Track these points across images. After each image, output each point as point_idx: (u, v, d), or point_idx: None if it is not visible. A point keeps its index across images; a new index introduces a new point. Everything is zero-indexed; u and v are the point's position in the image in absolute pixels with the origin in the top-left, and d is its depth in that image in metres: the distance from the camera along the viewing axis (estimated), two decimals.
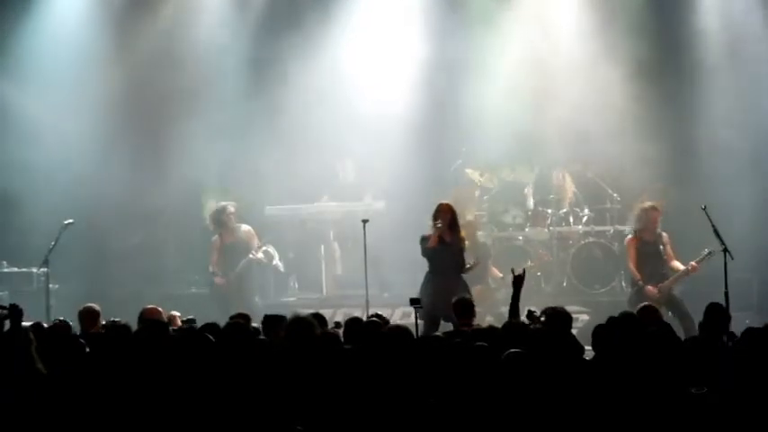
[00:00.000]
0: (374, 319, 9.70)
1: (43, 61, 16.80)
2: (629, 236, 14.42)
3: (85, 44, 16.98)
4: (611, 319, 8.83)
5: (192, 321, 10.42)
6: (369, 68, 17.13)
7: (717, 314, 9.04)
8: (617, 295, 14.99)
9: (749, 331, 7.91)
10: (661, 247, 14.06)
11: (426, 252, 12.41)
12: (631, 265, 14.09)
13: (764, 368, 7.35)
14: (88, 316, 10.37)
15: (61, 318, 10.05)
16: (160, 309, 10.44)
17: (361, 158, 16.82)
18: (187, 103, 16.77)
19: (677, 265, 13.95)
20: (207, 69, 17.06)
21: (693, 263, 13.70)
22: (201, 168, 16.56)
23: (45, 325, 9.51)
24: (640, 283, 13.78)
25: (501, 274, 15.03)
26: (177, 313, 10.82)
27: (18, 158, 16.44)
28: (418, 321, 10.44)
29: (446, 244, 12.30)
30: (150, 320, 9.36)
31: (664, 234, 14.14)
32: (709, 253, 13.53)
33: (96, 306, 10.52)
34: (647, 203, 14.38)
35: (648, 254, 14.00)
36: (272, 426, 7.19)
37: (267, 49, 17.16)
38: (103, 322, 10.18)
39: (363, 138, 16.85)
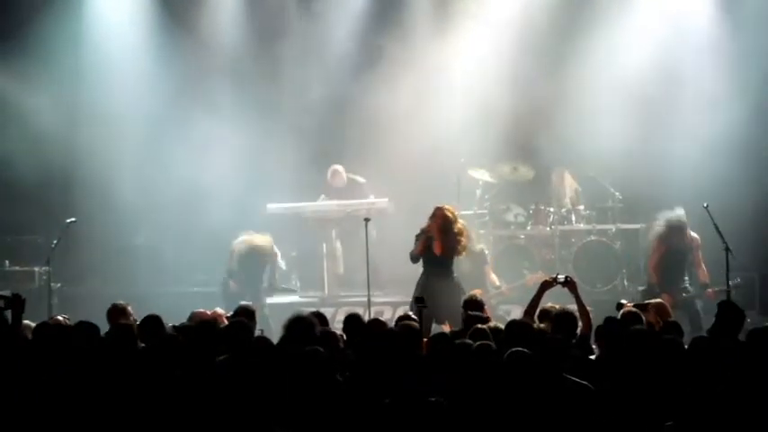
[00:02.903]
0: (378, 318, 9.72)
1: (64, 63, 16.94)
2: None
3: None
4: (610, 318, 8.85)
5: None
6: (369, 67, 17.23)
7: (731, 312, 8.99)
8: (619, 294, 14.92)
9: (754, 332, 7.83)
10: (690, 254, 13.82)
11: (413, 257, 12.45)
12: (651, 267, 13.91)
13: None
14: (116, 313, 10.33)
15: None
16: (208, 312, 10.40)
17: (363, 156, 16.85)
18: (194, 102, 16.85)
19: (703, 274, 13.77)
20: (213, 70, 17.18)
21: (715, 290, 13.37)
22: (203, 167, 16.58)
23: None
24: (657, 289, 13.48)
25: (498, 283, 15.01)
26: (221, 311, 10.75)
27: (20, 156, 16.53)
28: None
29: (433, 249, 12.32)
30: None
31: (695, 237, 13.87)
32: (737, 285, 13.43)
33: (123, 303, 10.45)
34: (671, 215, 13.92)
35: (673, 256, 13.79)
36: (266, 426, 7.22)
37: (272, 49, 17.26)
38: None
39: (365, 135, 16.94)
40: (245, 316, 9.70)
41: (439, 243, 12.36)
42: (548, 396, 7.09)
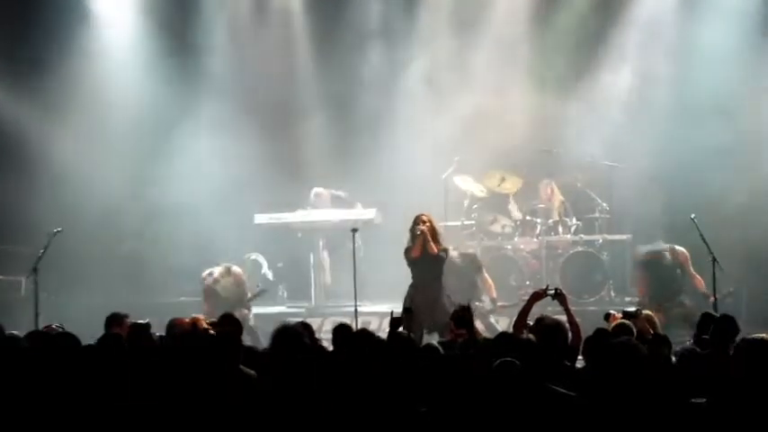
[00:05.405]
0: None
1: (56, 70, 16.95)
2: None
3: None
4: (601, 330, 8.87)
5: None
6: (357, 77, 17.30)
7: (726, 325, 9.00)
8: (605, 305, 14.91)
9: (741, 344, 7.83)
10: (678, 269, 13.89)
11: (410, 262, 12.46)
12: (639, 291, 14.08)
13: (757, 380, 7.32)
14: (112, 322, 10.33)
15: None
16: (187, 319, 10.36)
17: (350, 167, 16.87)
18: (183, 116, 16.88)
19: (700, 284, 13.73)
20: (204, 85, 17.25)
21: (712, 298, 12.96)
22: (190, 178, 16.58)
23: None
24: (647, 308, 13.28)
25: (495, 295, 14.88)
26: (201, 316, 10.73)
27: (6, 165, 16.55)
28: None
29: (427, 254, 12.33)
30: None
31: (681, 250, 13.93)
32: (730, 293, 13.43)
33: (123, 312, 10.45)
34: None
35: (659, 278, 13.88)
36: None
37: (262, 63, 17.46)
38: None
39: (353, 145, 16.99)
40: (230, 325, 9.69)
41: (431, 246, 12.42)
42: (534, 406, 7.08)
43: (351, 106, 17.38)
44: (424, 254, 12.35)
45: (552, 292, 9.97)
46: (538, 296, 10.01)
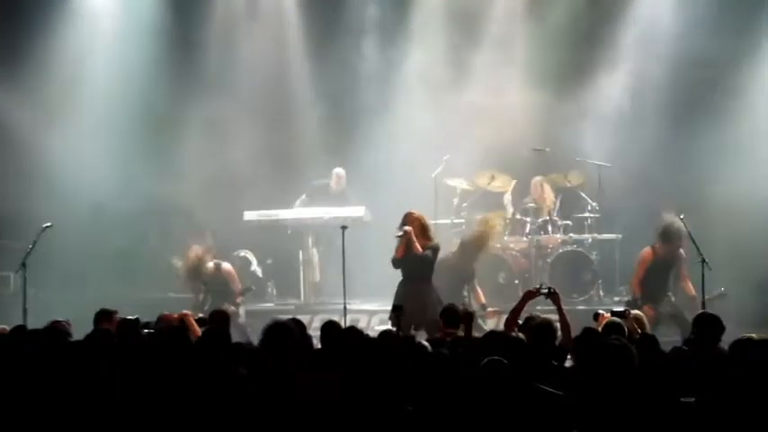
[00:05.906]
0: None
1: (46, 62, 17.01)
2: (646, 248, 13.93)
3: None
4: (589, 329, 8.88)
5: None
6: (348, 74, 17.31)
7: (711, 324, 9.03)
8: (594, 304, 14.97)
9: (736, 344, 7.85)
10: (674, 267, 13.75)
11: (394, 262, 12.47)
12: (635, 280, 13.81)
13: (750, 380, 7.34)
14: (101, 317, 10.35)
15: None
16: (176, 315, 10.38)
17: (340, 164, 16.87)
18: (173, 109, 16.87)
19: (689, 287, 13.61)
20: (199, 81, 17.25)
21: (703, 299, 12.79)
22: (181, 173, 16.56)
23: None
24: (638, 302, 13.23)
25: (484, 300, 14.79)
26: (189, 312, 10.75)
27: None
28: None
29: (411, 254, 12.34)
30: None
31: (681, 251, 13.76)
32: (722, 294, 13.38)
33: (111, 309, 10.48)
34: (674, 219, 13.70)
35: (658, 271, 13.71)
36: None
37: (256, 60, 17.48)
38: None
39: (342, 143, 17.00)
40: (219, 322, 9.70)
41: (418, 243, 12.46)
42: (522, 405, 7.09)
43: (345, 103, 17.38)
44: (409, 254, 12.37)
45: (546, 291, 9.95)
46: (531, 295, 10.01)
